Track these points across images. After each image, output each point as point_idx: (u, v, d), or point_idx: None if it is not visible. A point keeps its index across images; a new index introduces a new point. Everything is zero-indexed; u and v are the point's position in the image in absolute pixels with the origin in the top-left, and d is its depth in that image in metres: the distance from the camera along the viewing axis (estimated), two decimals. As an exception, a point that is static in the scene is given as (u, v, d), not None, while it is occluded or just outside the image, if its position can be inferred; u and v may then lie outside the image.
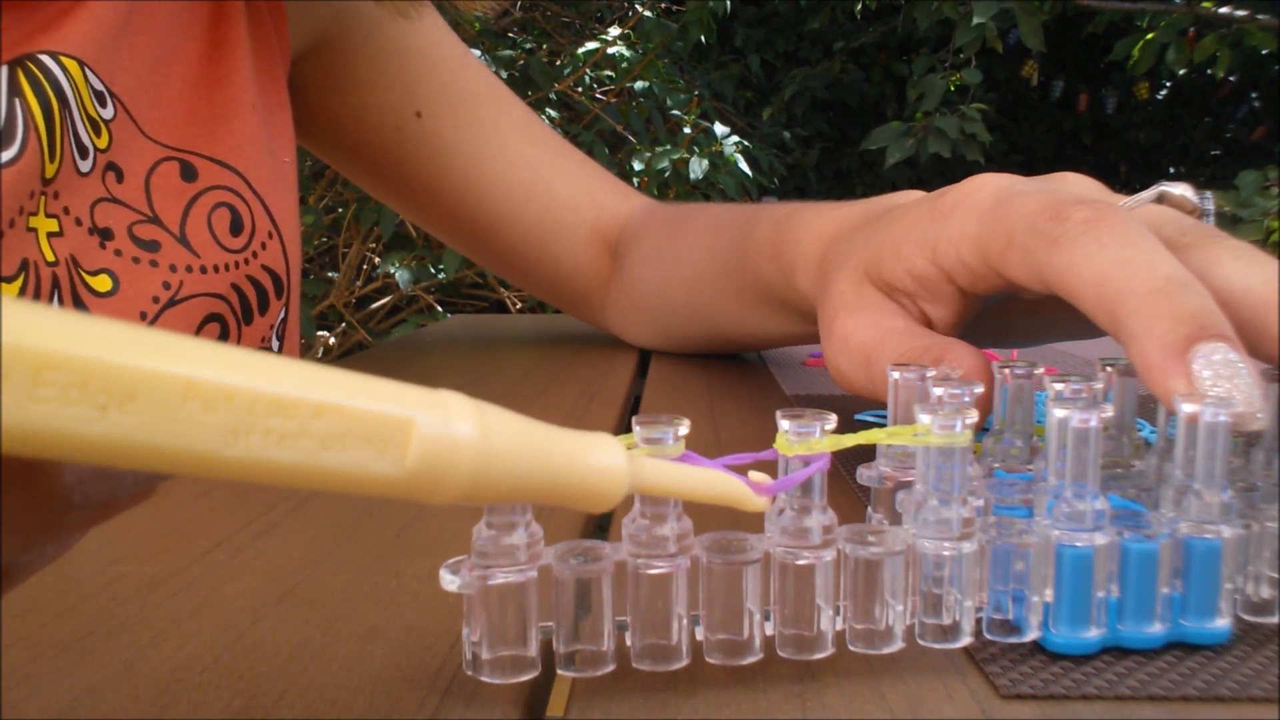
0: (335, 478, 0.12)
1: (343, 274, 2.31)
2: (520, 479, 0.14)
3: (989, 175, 0.33)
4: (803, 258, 0.43)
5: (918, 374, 0.25)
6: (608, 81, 2.59)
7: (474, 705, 0.18)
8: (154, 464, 0.11)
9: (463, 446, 0.13)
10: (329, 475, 0.12)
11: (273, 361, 0.12)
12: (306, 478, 0.12)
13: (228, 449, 0.11)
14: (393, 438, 0.12)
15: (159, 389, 0.11)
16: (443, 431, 0.13)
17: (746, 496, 0.18)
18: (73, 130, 0.42)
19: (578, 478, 0.14)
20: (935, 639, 0.20)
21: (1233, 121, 5.43)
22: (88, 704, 0.18)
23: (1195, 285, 0.25)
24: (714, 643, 0.19)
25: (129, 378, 0.10)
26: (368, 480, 0.12)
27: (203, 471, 0.11)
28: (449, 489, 0.13)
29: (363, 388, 0.12)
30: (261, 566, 0.25)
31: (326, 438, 0.12)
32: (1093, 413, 0.19)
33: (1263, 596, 0.21)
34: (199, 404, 0.11)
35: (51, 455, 0.10)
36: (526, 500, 0.14)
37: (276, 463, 0.11)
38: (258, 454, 0.11)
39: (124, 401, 0.10)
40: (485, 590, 0.18)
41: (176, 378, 0.11)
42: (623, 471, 0.15)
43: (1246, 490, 0.22)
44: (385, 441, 0.12)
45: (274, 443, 0.11)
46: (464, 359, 0.66)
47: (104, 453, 0.11)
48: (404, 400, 0.12)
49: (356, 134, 0.62)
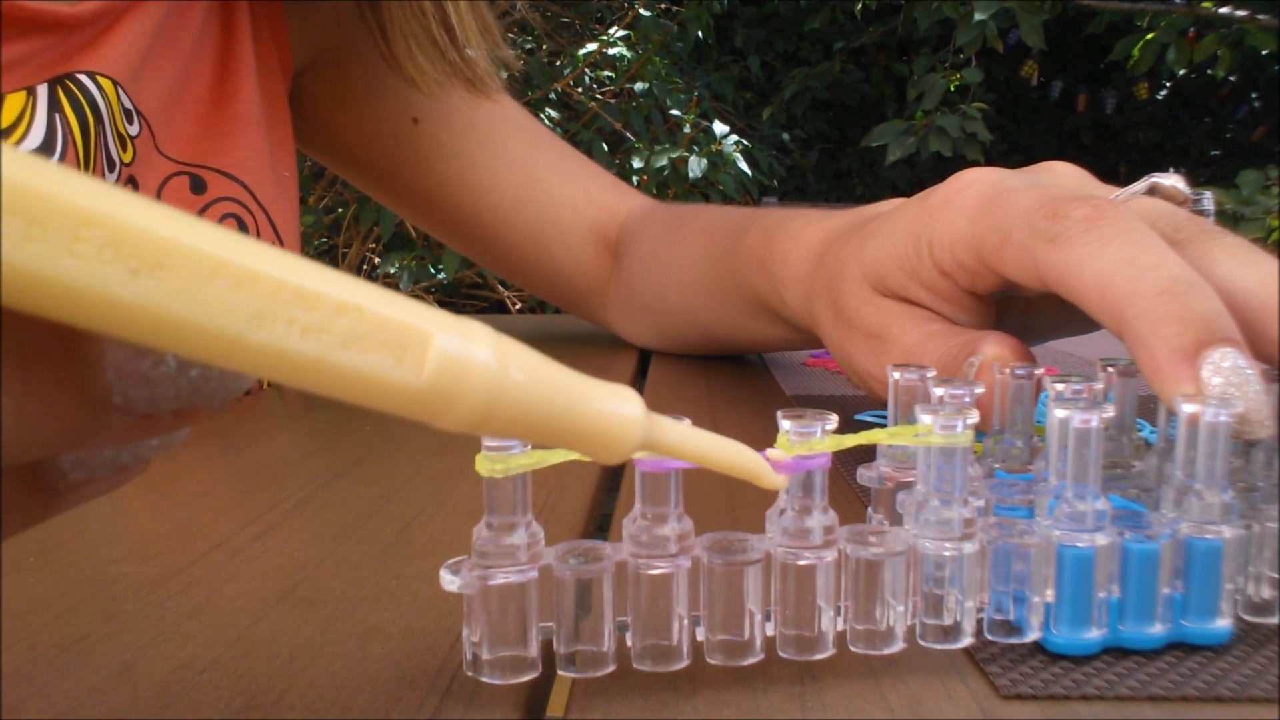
0: (352, 380, 0.12)
1: (342, 274, 2.30)
2: (533, 413, 0.13)
3: (975, 170, 0.32)
4: (791, 274, 0.43)
5: (918, 374, 0.25)
6: (607, 81, 2.59)
7: (474, 705, 0.18)
8: (180, 339, 0.11)
9: (479, 369, 0.13)
10: (347, 376, 0.12)
11: (300, 260, 0.12)
12: (325, 376, 0.12)
13: (251, 332, 0.11)
14: (411, 346, 0.12)
15: (189, 262, 0.11)
16: (461, 351, 0.12)
17: (764, 471, 0.18)
18: (105, 145, 0.44)
19: (591, 421, 0.14)
20: (936, 639, 0.20)
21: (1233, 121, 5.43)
22: (88, 704, 0.18)
23: (1202, 286, 0.24)
24: (715, 643, 0.19)
25: (160, 246, 0.11)
26: (383, 387, 0.12)
27: (226, 354, 0.11)
28: (461, 411, 0.13)
29: (386, 297, 0.12)
30: (261, 566, 0.25)
31: (347, 336, 0.12)
32: (1094, 413, 0.19)
33: (1263, 597, 0.21)
34: (226, 283, 0.11)
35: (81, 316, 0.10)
36: (537, 439, 0.14)
37: (297, 354, 0.11)
38: (280, 342, 0.11)
39: (154, 269, 0.10)
40: (485, 590, 0.18)
41: (206, 254, 0.11)
42: (638, 422, 0.15)
43: (1247, 490, 0.22)
44: (403, 349, 0.12)
45: (296, 333, 0.11)
46: (464, 359, 0.66)
47: (131, 319, 0.11)
48: (426, 315, 0.12)
49: (355, 141, 0.63)
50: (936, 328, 0.32)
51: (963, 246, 0.31)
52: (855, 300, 0.35)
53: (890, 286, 0.34)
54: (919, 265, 0.33)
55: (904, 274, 0.33)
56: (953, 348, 0.31)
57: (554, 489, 0.32)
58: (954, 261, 0.31)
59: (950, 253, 0.31)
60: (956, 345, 0.31)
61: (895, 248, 0.33)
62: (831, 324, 0.37)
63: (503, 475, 0.18)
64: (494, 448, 0.18)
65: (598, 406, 0.14)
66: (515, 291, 2.40)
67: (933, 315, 0.33)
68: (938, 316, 0.33)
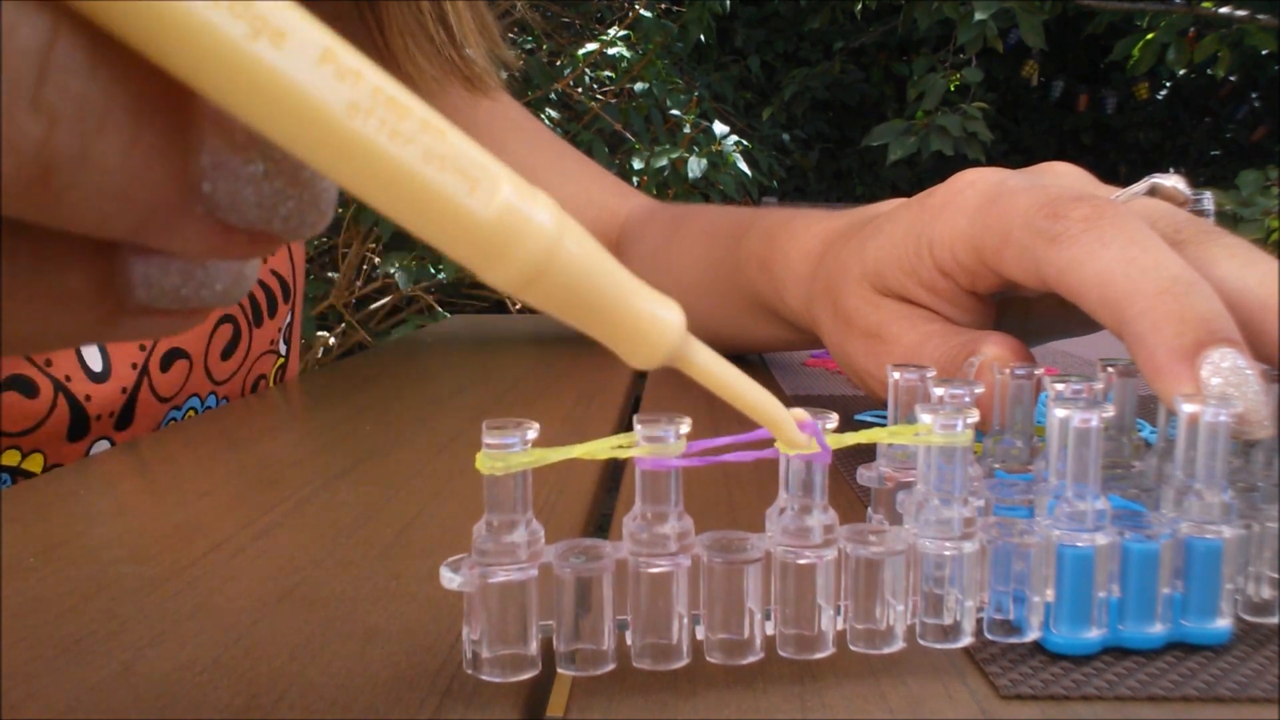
0: (426, 195, 0.12)
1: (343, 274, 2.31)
2: (579, 287, 0.14)
3: (975, 171, 0.32)
4: (792, 274, 0.43)
5: (918, 374, 0.25)
6: (607, 82, 2.59)
7: (474, 705, 0.18)
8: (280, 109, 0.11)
9: (538, 226, 0.13)
10: (422, 189, 0.12)
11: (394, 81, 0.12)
12: (403, 184, 0.12)
13: (348, 120, 0.12)
14: (484, 181, 0.13)
15: (305, 41, 0.11)
16: (524, 205, 0.13)
17: (787, 424, 0.17)
18: None
19: (632, 313, 0.14)
20: (936, 639, 0.20)
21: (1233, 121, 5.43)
22: (88, 704, 0.18)
23: (1202, 286, 0.24)
24: (714, 642, 0.19)
25: (284, 19, 0.11)
26: (453, 210, 0.12)
27: (319, 137, 0.12)
28: (516, 261, 0.13)
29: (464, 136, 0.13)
30: (261, 566, 0.25)
31: (429, 151, 0.12)
32: (1093, 413, 0.19)
33: (1263, 597, 0.21)
34: (333, 70, 0.12)
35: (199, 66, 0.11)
36: (576, 317, 0.14)
37: (383, 154, 0.12)
38: (371, 136, 0.12)
39: (276, 36, 0.11)
40: (485, 588, 0.18)
41: (320, 40, 0.11)
42: (676, 328, 0.15)
43: (1247, 490, 0.22)
44: (477, 181, 0.12)
45: (386, 134, 0.12)
46: (464, 359, 0.66)
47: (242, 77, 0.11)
48: (498, 165, 0.13)
49: None
50: (936, 327, 0.32)
51: (963, 246, 0.31)
52: (855, 300, 0.35)
53: (890, 286, 0.34)
54: (919, 265, 0.33)
55: (904, 274, 0.33)
56: (953, 348, 0.31)
57: (554, 488, 0.32)
58: (954, 261, 0.31)
59: (950, 253, 0.31)
60: (956, 345, 0.31)
61: (895, 247, 0.33)
62: (831, 324, 0.37)
63: (503, 473, 0.18)
64: (494, 445, 0.18)
65: (641, 302, 0.14)
66: (515, 292, 2.39)
67: (933, 315, 0.33)
68: (938, 316, 0.33)
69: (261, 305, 0.52)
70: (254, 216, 0.13)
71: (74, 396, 0.42)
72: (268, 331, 0.52)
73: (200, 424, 0.44)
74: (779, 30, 4.92)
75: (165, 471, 0.36)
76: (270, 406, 0.50)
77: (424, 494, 0.32)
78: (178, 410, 0.48)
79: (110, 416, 0.44)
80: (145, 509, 0.31)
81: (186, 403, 0.49)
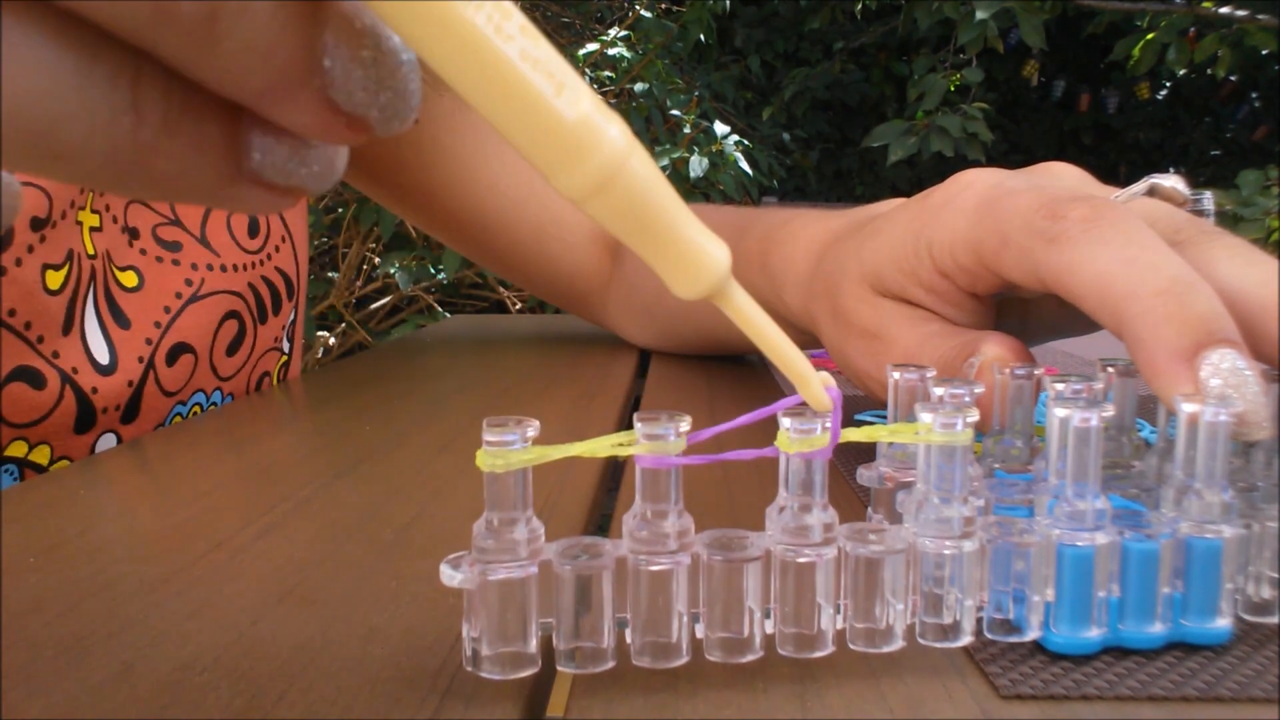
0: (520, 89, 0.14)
1: (343, 274, 2.31)
2: (640, 204, 0.15)
3: (974, 171, 0.32)
4: (790, 275, 0.43)
5: (918, 374, 0.25)
6: (608, 82, 2.59)
7: (474, 705, 0.18)
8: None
9: (612, 139, 0.14)
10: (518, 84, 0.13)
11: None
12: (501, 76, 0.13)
13: (463, 10, 0.13)
14: (569, 90, 0.14)
15: None
16: (602, 121, 0.14)
17: (813, 380, 0.18)
18: None
19: (684, 240, 0.15)
20: (936, 638, 0.20)
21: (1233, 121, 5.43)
22: (88, 704, 0.18)
23: (1202, 286, 0.24)
24: (714, 640, 0.19)
25: None
26: (541, 107, 0.14)
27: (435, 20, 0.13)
28: (590, 166, 0.14)
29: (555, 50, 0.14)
30: (261, 566, 0.25)
31: (525, 53, 0.13)
32: (1093, 412, 0.19)
33: (1263, 597, 0.21)
34: None
35: None
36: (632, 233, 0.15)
37: (489, 46, 0.13)
38: (481, 28, 0.13)
39: None
40: (486, 586, 0.18)
41: None
42: (723, 264, 0.16)
43: (1247, 490, 0.22)
44: (564, 88, 0.14)
45: (493, 28, 0.13)
46: (464, 359, 0.66)
47: None
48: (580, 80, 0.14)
49: None
50: (936, 328, 0.32)
51: (962, 247, 0.31)
52: (854, 301, 0.35)
53: (889, 287, 0.34)
54: (918, 266, 0.33)
55: (903, 274, 0.33)
56: (952, 348, 0.31)
57: (554, 487, 0.32)
58: (953, 262, 0.31)
59: (949, 253, 0.31)
60: (956, 346, 0.31)
61: (894, 248, 0.33)
62: (830, 324, 0.37)
63: (504, 470, 0.18)
64: (495, 443, 0.18)
65: (694, 233, 0.15)
66: (515, 292, 2.39)
67: (932, 316, 0.33)
68: (937, 317, 0.33)
69: (266, 302, 0.52)
70: (359, 100, 0.14)
71: (81, 389, 0.42)
72: (272, 329, 0.52)
73: (200, 424, 0.44)
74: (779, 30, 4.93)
75: (166, 471, 0.36)
76: (270, 406, 0.50)
77: (424, 494, 0.32)
78: (183, 405, 0.49)
79: (116, 410, 0.44)
80: (146, 509, 0.31)
81: (192, 398, 0.49)
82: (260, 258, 0.52)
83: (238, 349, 0.50)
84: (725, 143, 2.45)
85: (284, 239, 0.53)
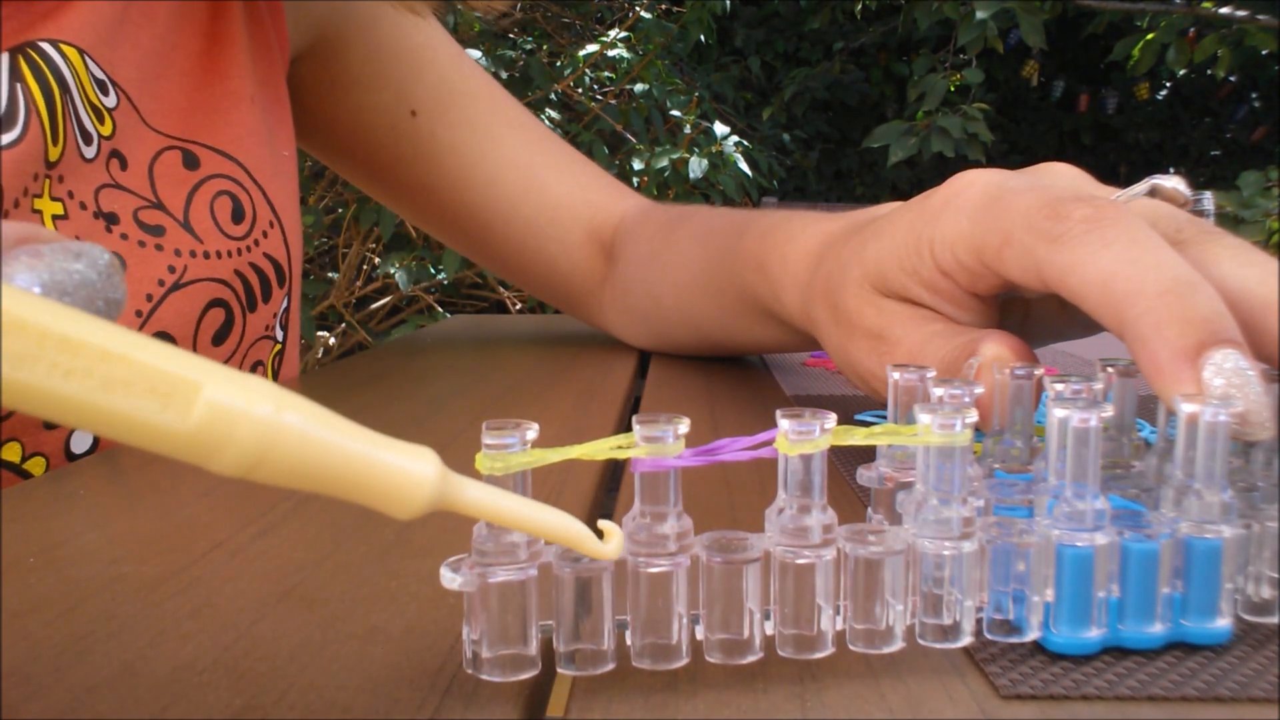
0: (115, 420, 0.13)
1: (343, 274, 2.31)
2: (310, 459, 0.14)
3: (976, 172, 0.32)
4: (789, 276, 0.42)
5: (918, 374, 0.25)
6: (608, 82, 2.59)
7: (474, 705, 0.18)
8: None
9: (248, 418, 0.13)
10: (109, 416, 0.13)
11: (73, 313, 0.13)
12: (91, 415, 0.13)
13: (14, 371, 0.12)
14: (178, 394, 0.13)
15: None
16: (230, 400, 0.13)
17: (585, 539, 0.17)
18: (75, 116, 0.42)
19: (377, 472, 0.15)
20: (935, 639, 0.20)
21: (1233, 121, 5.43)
22: (88, 704, 0.18)
23: (1204, 287, 0.24)
24: (714, 642, 0.19)
25: None
26: (147, 429, 0.13)
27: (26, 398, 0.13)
28: (229, 455, 0.14)
29: (162, 350, 0.13)
30: (261, 566, 0.25)
31: (110, 381, 0.13)
32: (1093, 412, 0.19)
33: (1263, 596, 0.21)
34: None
35: None
36: (317, 488, 0.14)
37: (61, 394, 0.13)
38: (42, 382, 0.13)
39: None
40: (485, 588, 0.18)
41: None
42: (429, 478, 0.15)
43: (1247, 490, 0.22)
44: (169, 397, 0.13)
45: (59, 375, 0.13)
46: (464, 359, 0.66)
47: None
48: (200, 368, 0.14)
49: (352, 134, 0.63)
50: (938, 327, 0.32)
51: (964, 247, 0.31)
52: (856, 301, 0.35)
53: (892, 287, 0.34)
54: (920, 265, 0.33)
55: (905, 274, 0.33)
56: (955, 348, 0.31)
57: (554, 489, 0.32)
58: (955, 262, 0.31)
59: (951, 253, 0.31)
60: (959, 345, 0.31)
61: (896, 248, 0.33)
62: (831, 325, 0.37)
63: (503, 473, 0.18)
64: (494, 446, 0.18)
65: (388, 458, 0.15)
66: (515, 292, 2.40)
67: (935, 315, 0.33)
68: (940, 316, 0.33)
69: (255, 289, 0.51)
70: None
71: None
72: (262, 316, 0.52)
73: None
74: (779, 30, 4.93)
75: (165, 471, 0.36)
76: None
77: (424, 494, 0.32)
78: None
79: None
80: (145, 509, 0.31)
81: None
82: (247, 244, 0.50)
83: (225, 338, 0.49)
84: (725, 144, 2.45)
85: (272, 224, 0.52)
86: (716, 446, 0.20)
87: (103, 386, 0.13)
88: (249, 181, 0.50)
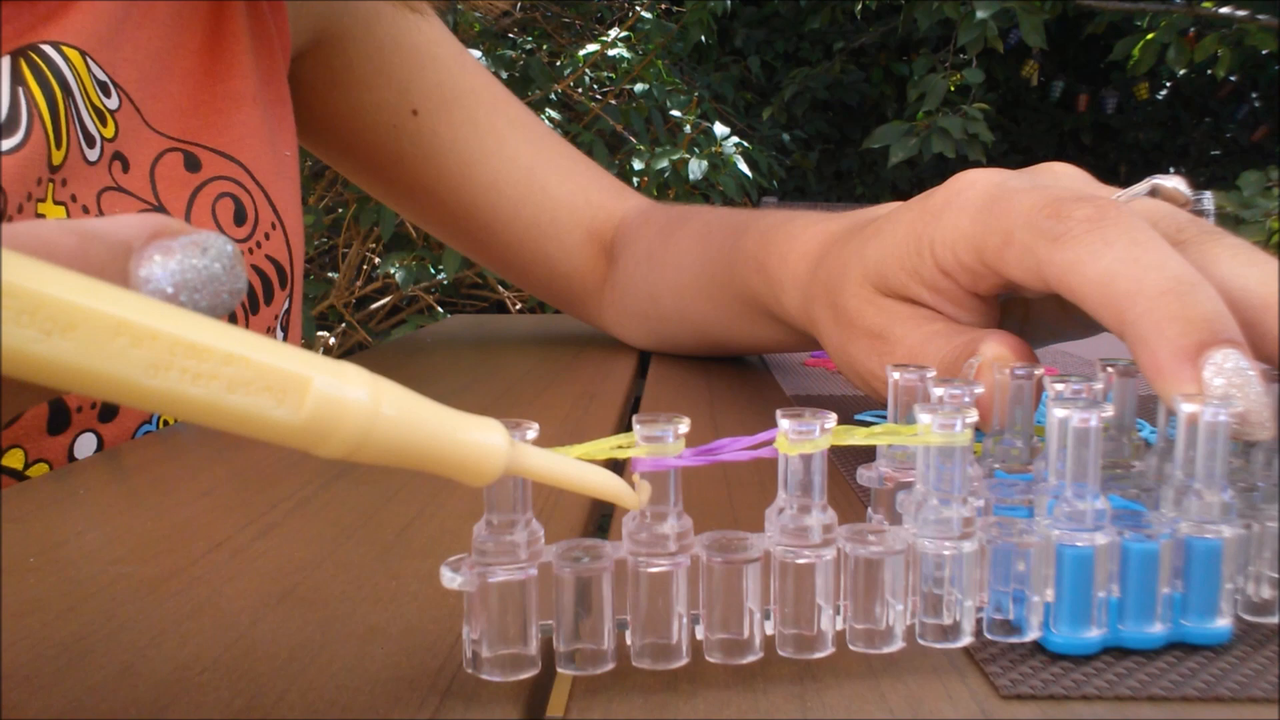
0: (239, 418, 0.14)
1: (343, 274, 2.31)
2: (403, 442, 0.15)
3: (976, 171, 0.32)
4: (789, 276, 0.42)
5: (918, 374, 0.25)
6: (608, 82, 2.59)
7: (474, 705, 0.18)
8: (88, 386, 0.13)
9: (352, 406, 0.15)
10: (234, 415, 0.14)
11: (195, 317, 0.14)
12: (215, 414, 0.14)
13: (148, 379, 0.13)
14: (291, 389, 0.14)
15: (95, 323, 0.13)
16: (335, 392, 0.14)
17: (624, 493, 0.19)
18: (78, 118, 0.42)
19: (457, 448, 0.16)
20: (936, 639, 0.20)
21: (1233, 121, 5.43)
22: (88, 704, 0.18)
23: (1205, 286, 0.24)
24: (714, 642, 0.19)
25: (71, 310, 0.13)
26: (266, 424, 0.14)
27: (127, 397, 0.13)
28: (336, 441, 0.15)
29: (272, 347, 0.14)
30: (261, 566, 0.25)
31: (234, 382, 0.14)
32: (1093, 412, 0.19)
33: (1263, 597, 0.21)
34: (128, 340, 0.13)
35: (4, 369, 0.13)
36: (410, 465, 0.16)
37: (189, 397, 0.14)
38: (173, 387, 0.13)
39: (66, 329, 0.13)
40: (485, 588, 0.18)
41: (110, 315, 0.13)
42: (500, 449, 0.16)
43: (1247, 490, 0.22)
44: (284, 392, 0.14)
45: (188, 380, 0.13)
46: (464, 359, 0.66)
47: (46, 370, 0.13)
48: (307, 362, 0.14)
49: (353, 132, 0.63)
50: (939, 327, 0.32)
51: (964, 245, 0.31)
52: (857, 301, 0.35)
53: (893, 286, 0.34)
54: (921, 265, 0.33)
55: (906, 273, 0.33)
56: (956, 347, 0.31)
57: (554, 489, 0.32)
58: (956, 261, 0.31)
59: (952, 252, 0.31)
60: (959, 345, 0.31)
61: (897, 248, 0.33)
62: (832, 325, 0.37)
63: (502, 474, 0.18)
64: None
65: (463, 436, 0.16)
66: (515, 292, 2.40)
67: (936, 315, 0.33)
68: (940, 316, 0.33)
69: (258, 292, 0.51)
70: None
71: None
72: (264, 319, 0.52)
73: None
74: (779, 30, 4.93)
75: (165, 471, 0.36)
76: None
77: (424, 494, 0.32)
78: None
79: (92, 409, 0.42)
80: (145, 509, 0.31)
81: None
82: (249, 246, 0.50)
83: None
84: (725, 144, 2.45)
85: (274, 225, 0.51)
86: (716, 446, 0.20)
87: (227, 388, 0.14)
88: (251, 183, 0.50)
